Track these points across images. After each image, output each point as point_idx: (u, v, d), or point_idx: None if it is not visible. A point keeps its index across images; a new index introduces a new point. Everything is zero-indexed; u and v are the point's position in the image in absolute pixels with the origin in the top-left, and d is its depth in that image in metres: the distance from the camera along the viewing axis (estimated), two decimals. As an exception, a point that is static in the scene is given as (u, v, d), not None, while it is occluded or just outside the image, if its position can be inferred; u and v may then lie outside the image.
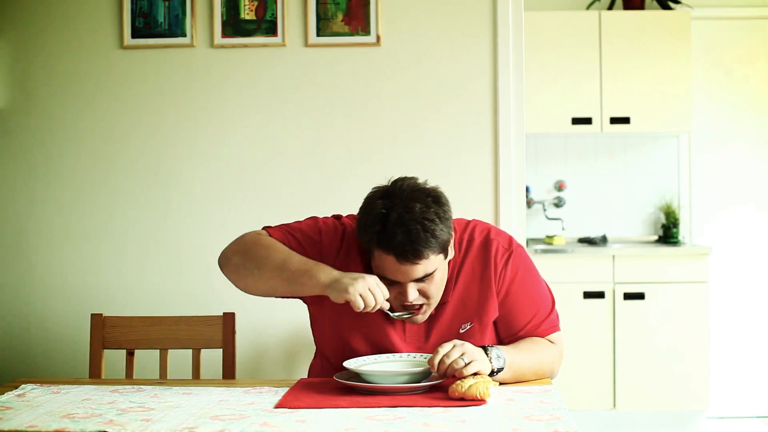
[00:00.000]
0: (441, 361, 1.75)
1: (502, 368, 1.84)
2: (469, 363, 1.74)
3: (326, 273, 1.88)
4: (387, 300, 1.88)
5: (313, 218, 2.12)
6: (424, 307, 1.93)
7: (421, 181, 1.93)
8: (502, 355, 1.84)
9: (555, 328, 2.05)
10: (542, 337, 2.03)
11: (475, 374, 1.76)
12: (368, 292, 1.81)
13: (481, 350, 1.81)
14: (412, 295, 1.88)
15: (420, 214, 1.82)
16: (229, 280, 2.04)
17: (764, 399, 4.61)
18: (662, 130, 4.63)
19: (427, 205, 1.84)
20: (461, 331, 1.98)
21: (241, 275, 2.00)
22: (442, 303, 1.97)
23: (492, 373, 1.81)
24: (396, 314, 1.92)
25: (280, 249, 1.96)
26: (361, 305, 1.81)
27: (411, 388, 1.77)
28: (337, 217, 2.11)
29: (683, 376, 4.23)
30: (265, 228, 2.07)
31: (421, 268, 1.84)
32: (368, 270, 1.96)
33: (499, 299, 1.99)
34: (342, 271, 1.91)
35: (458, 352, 1.76)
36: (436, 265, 1.87)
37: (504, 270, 1.99)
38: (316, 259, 1.97)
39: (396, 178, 1.93)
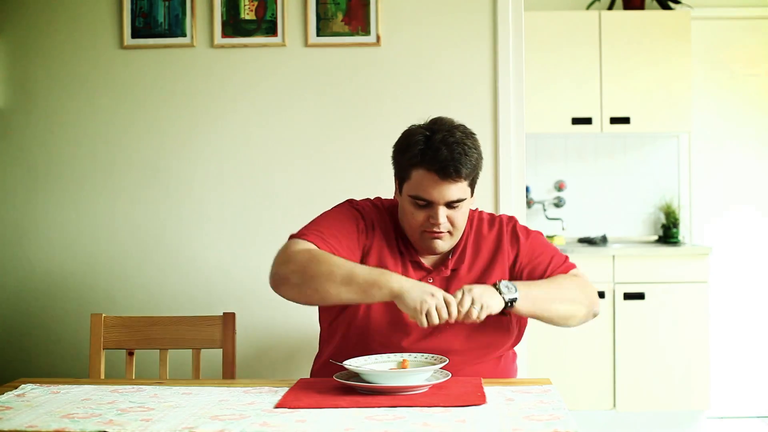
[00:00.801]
0: (457, 311, 1.83)
1: (516, 298, 1.91)
2: (481, 308, 1.85)
3: (396, 281, 1.89)
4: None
5: (328, 214, 2.13)
6: (447, 235, 2.02)
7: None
8: (512, 285, 1.94)
9: (574, 266, 2.14)
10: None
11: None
12: (434, 310, 1.84)
13: (490, 288, 1.91)
14: (443, 217, 1.99)
15: (461, 138, 1.99)
16: (286, 298, 2.02)
17: (764, 399, 4.61)
18: (662, 130, 4.63)
19: (466, 134, 2.02)
20: None
21: (304, 293, 1.98)
22: (454, 269, 2.07)
23: (507, 306, 1.90)
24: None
25: (339, 263, 1.96)
26: (425, 323, 1.84)
27: (411, 387, 1.77)
28: (350, 201, 2.18)
29: (683, 376, 4.23)
30: (295, 237, 2.06)
31: (456, 190, 1.97)
32: (395, 238, 2.07)
33: (519, 261, 2.10)
34: (378, 253, 2.05)
35: (468, 299, 1.85)
36: (466, 195, 2.01)
37: (514, 234, 2.13)
38: (357, 252, 2.05)
39: (433, 116, 2.07)
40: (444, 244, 2.04)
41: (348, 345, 2.05)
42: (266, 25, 2.87)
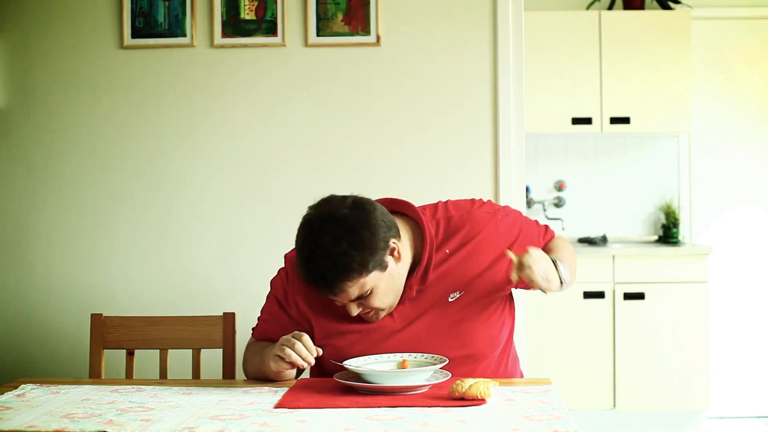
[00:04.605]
0: (529, 269, 1.80)
1: (566, 280, 1.93)
2: (545, 280, 1.83)
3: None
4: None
5: (271, 285, 2.10)
6: (374, 312, 1.92)
7: (353, 195, 1.87)
8: (566, 268, 1.93)
9: (553, 232, 2.15)
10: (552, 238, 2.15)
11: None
12: (287, 350, 1.84)
13: (553, 266, 1.88)
14: (354, 311, 1.88)
15: (328, 248, 1.77)
16: None
17: (764, 399, 4.61)
18: (662, 130, 4.63)
19: (336, 238, 1.78)
20: (450, 300, 1.96)
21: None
22: (426, 286, 1.95)
23: (561, 284, 1.91)
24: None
25: (251, 358, 2.07)
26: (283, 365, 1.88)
27: (411, 388, 1.77)
28: (273, 280, 2.10)
29: (683, 376, 4.23)
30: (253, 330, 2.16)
31: (350, 293, 1.83)
32: (317, 302, 1.98)
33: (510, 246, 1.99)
34: (298, 310, 2.01)
35: (542, 269, 1.82)
36: (373, 283, 1.83)
37: (492, 222, 2.01)
38: (291, 323, 2.02)
39: (320, 200, 1.87)
40: (379, 315, 1.93)
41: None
42: (266, 25, 2.87)
